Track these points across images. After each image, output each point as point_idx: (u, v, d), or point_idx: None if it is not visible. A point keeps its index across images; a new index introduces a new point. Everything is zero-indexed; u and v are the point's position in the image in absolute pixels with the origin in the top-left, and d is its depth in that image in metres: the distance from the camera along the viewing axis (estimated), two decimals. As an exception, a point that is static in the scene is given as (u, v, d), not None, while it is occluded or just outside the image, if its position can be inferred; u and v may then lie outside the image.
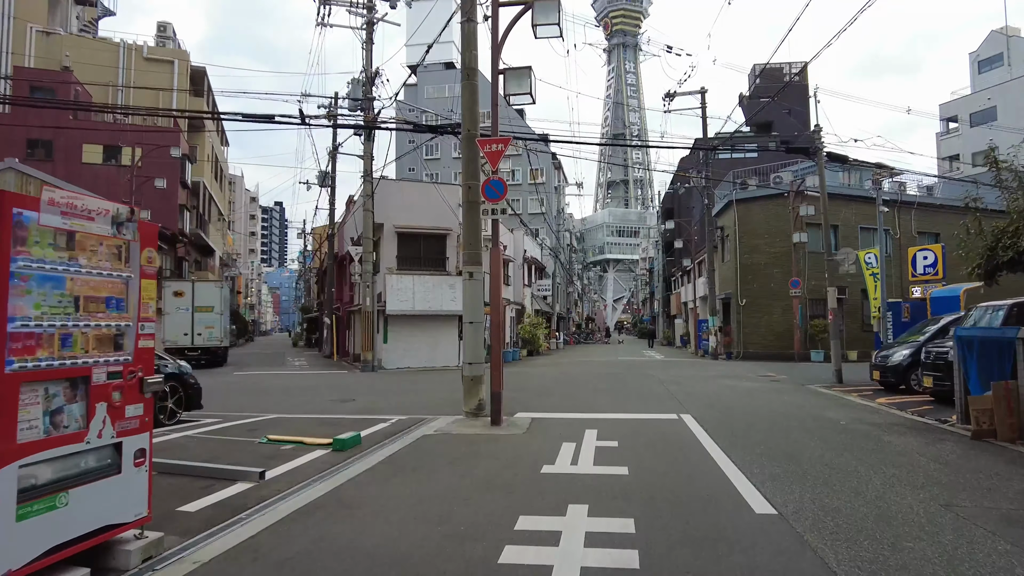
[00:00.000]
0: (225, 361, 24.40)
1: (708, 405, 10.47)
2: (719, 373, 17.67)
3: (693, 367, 20.42)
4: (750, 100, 53.10)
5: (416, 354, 20.95)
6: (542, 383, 14.86)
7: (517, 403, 10.85)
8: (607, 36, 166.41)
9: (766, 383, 14.89)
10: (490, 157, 8.88)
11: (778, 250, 25.37)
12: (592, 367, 20.49)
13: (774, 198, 25.62)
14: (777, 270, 25.34)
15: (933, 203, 27.43)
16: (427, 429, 8.42)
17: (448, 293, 20.91)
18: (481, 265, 9.54)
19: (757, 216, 25.96)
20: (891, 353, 12.46)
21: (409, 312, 20.44)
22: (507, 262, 29.92)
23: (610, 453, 6.53)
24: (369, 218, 19.57)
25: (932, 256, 15.18)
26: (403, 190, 21.16)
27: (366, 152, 19.74)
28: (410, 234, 21.08)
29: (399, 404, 11.35)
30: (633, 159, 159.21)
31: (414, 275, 20.79)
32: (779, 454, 6.47)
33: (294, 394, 13.44)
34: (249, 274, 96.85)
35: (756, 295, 25.69)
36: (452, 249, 21.42)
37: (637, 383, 14.59)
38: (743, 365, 21.48)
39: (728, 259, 27.79)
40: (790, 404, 10.78)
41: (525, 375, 17.61)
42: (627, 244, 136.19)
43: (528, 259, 34.24)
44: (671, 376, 16.49)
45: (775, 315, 25.26)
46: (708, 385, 14.12)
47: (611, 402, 11.03)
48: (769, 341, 25.26)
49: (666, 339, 49.12)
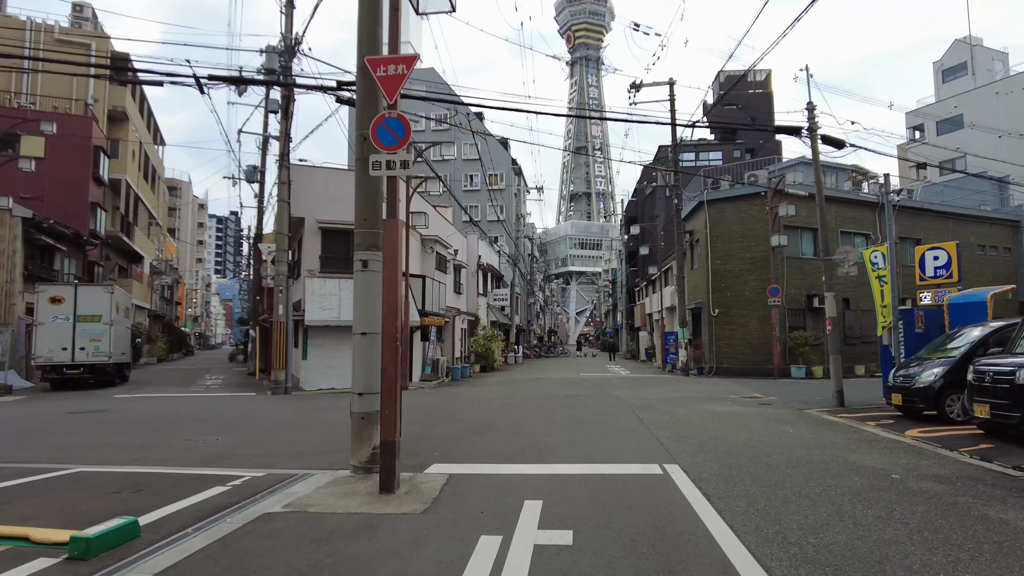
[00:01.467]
0: (124, 380, 20.72)
1: (699, 446, 7.70)
2: (696, 393, 15.04)
3: (664, 385, 17.79)
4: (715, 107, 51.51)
5: (342, 373, 17.73)
6: (485, 410, 11.91)
7: (440, 444, 7.91)
8: (570, 49, 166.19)
9: (756, 407, 12.28)
10: (385, 84, 5.99)
11: (754, 255, 23.12)
12: (551, 386, 17.66)
13: (749, 198, 23.41)
14: (753, 277, 23.07)
15: (915, 206, 25.67)
16: (279, 500, 5.41)
17: (382, 300, 17.82)
18: (381, 249, 6.62)
19: (730, 218, 23.70)
20: (917, 372, 9.96)
21: (334, 323, 17.28)
22: (459, 268, 27.00)
23: (560, 562, 3.66)
24: (284, 211, 16.42)
25: (944, 256, 12.89)
26: (329, 179, 18.10)
27: (282, 132, 16.62)
28: (337, 230, 17.96)
29: (276, 447, 8.26)
30: (595, 172, 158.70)
31: (341, 279, 17.66)
32: (853, 561, 3.68)
33: (156, 428, 10.17)
34: (193, 284, 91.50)
35: (730, 304, 23.35)
36: (387, 249, 18.39)
37: (603, 409, 11.78)
38: (719, 383, 18.97)
39: (698, 266, 25.46)
40: (803, 442, 8.10)
41: (467, 398, 14.65)
42: (590, 256, 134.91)
43: (484, 266, 31.40)
44: (642, 398, 13.77)
45: (751, 326, 22.93)
46: (689, 411, 11.41)
47: (569, 441, 8.16)
48: (745, 355, 22.90)
49: (630, 352, 46.77)
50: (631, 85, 24.63)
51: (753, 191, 23.30)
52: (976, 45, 43.46)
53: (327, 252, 18.00)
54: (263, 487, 5.92)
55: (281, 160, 16.48)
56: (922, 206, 25.72)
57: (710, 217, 23.98)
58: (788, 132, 13.59)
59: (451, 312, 23.88)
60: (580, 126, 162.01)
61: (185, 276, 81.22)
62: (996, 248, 27.37)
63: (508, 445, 7.92)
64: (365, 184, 6.67)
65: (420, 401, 13.88)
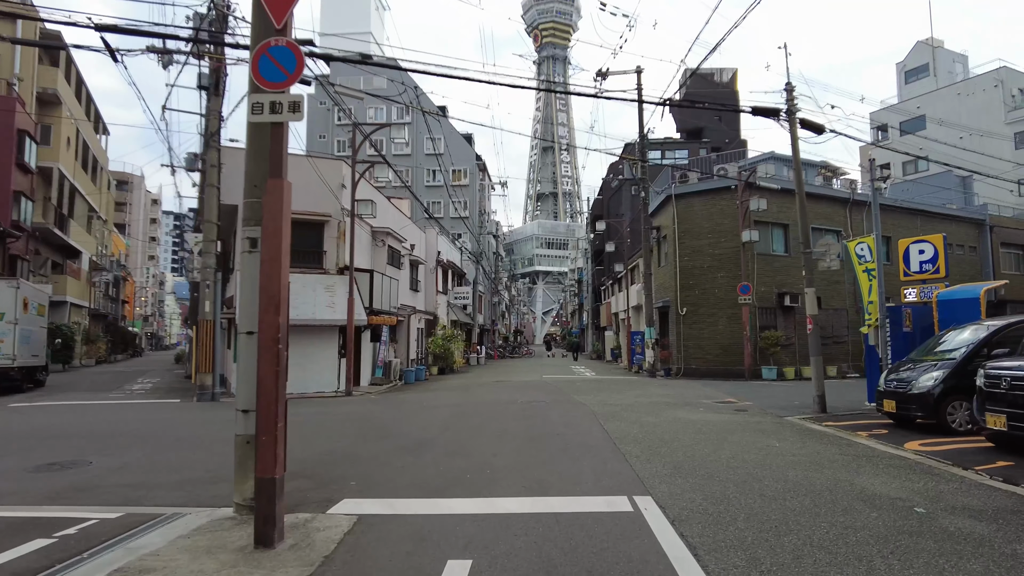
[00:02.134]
0: (38, 384, 18.62)
1: (674, 467, 6.42)
2: (665, 398, 13.86)
3: (631, 389, 16.61)
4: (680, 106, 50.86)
5: (280, 376, 16.05)
6: (430, 421, 10.46)
7: (363, 469, 6.47)
8: (536, 48, 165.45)
9: (731, 414, 11.13)
10: (271, 2, 4.52)
11: (723, 251, 22.18)
12: (509, 390, 16.30)
13: (719, 192, 22.47)
14: (722, 274, 22.13)
15: (885, 203, 25.09)
16: (112, 561, 3.91)
17: (325, 297, 16.22)
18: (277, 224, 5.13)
19: (699, 213, 22.73)
20: (913, 377, 8.90)
21: (271, 321, 15.58)
22: (416, 264, 25.45)
23: None
24: (213, 197, 14.67)
25: (931, 249, 11.96)
26: (267, 163, 16.46)
27: (211, 108, 14.86)
28: (275, 220, 16.29)
29: (159, 473, 6.68)
30: (562, 172, 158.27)
31: (279, 273, 15.98)
32: None
33: (25, 446, 8.42)
34: (144, 282, 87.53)
35: (698, 303, 22.38)
36: (332, 241, 16.76)
37: (564, 418, 10.45)
38: (688, 385, 17.89)
39: (666, 263, 24.45)
40: (796, 460, 6.90)
41: (414, 406, 13.18)
42: (556, 256, 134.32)
43: (444, 263, 29.88)
44: (607, 404, 12.50)
45: (720, 325, 21.99)
46: (659, 420, 10.17)
47: (520, 463, 6.79)
48: (714, 356, 21.94)
49: (595, 352, 45.80)
50: (597, 73, 23.41)
51: (723, 185, 22.37)
52: (938, 47, 43.79)
53: (263, 243, 16.28)
54: (105, 536, 4.41)
55: (209, 140, 14.72)
56: (892, 203, 25.20)
57: (678, 212, 22.97)
58: (766, 114, 12.50)
59: (406, 310, 22.34)
60: (547, 127, 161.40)
61: (136, 274, 77.54)
62: (963, 247, 27.09)
63: (446, 469, 6.51)
64: (257, 141, 5.18)
65: (358, 410, 12.36)
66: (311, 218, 16.62)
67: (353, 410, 12.18)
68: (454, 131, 49.93)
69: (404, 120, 49.68)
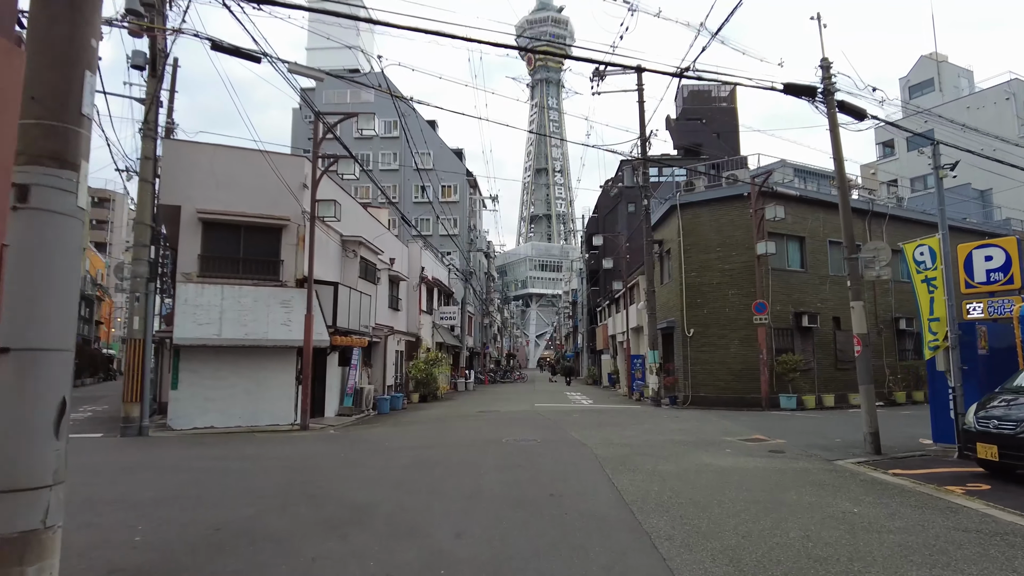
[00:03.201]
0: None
1: (732, 564, 4.14)
2: (680, 434, 11.57)
3: (636, 422, 14.31)
4: (678, 122, 49.23)
5: (226, 406, 13.73)
6: (381, 472, 8.08)
7: (246, 565, 4.15)
8: (530, 71, 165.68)
9: (768, 458, 8.86)
10: None
11: (734, 266, 20.07)
12: (495, 424, 13.96)
13: (728, 201, 20.43)
14: (733, 291, 19.99)
15: (905, 216, 23.21)
16: None
17: (280, 313, 13.94)
18: (77, 166, 2.89)
19: (707, 224, 20.67)
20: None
21: (215, 341, 13.29)
22: (396, 280, 23.22)
23: None
24: (147, 194, 12.45)
25: (1001, 255, 9.85)
26: (216, 159, 14.24)
27: (148, 92, 12.72)
28: (223, 223, 14.06)
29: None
30: (555, 195, 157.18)
31: (227, 284, 13.75)
32: None
33: None
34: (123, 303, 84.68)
35: (707, 323, 20.19)
36: (290, 250, 14.52)
37: (559, 467, 8.11)
38: (701, 417, 15.61)
39: (670, 280, 22.32)
40: (903, 544, 4.62)
41: (372, 447, 10.82)
42: (550, 279, 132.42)
43: (429, 280, 27.65)
44: (612, 443, 10.20)
45: (731, 348, 19.77)
46: (681, 468, 7.89)
47: (492, 559, 4.47)
48: (726, 382, 19.68)
49: (591, 377, 43.42)
50: (594, 72, 21.53)
51: (733, 193, 20.35)
52: (943, 61, 42.52)
53: (209, 251, 14.02)
54: None
55: (146, 128, 12.54)
56: (914, 216, 23.25)
57: (683, 223, 20.90)
58: (799, 93, 10.48)
59: (382, 331, 20.03)
60: (541, 148, 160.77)
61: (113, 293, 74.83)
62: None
63: (377, 570, 4.19)
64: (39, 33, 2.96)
65: (303, 453, 9.99)
66: (266, 222, 14.40)
67: (297, 452, 9.83)
68: (444, 145, 48.12)
69: (392, 135, 47.88)
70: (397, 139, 47.17)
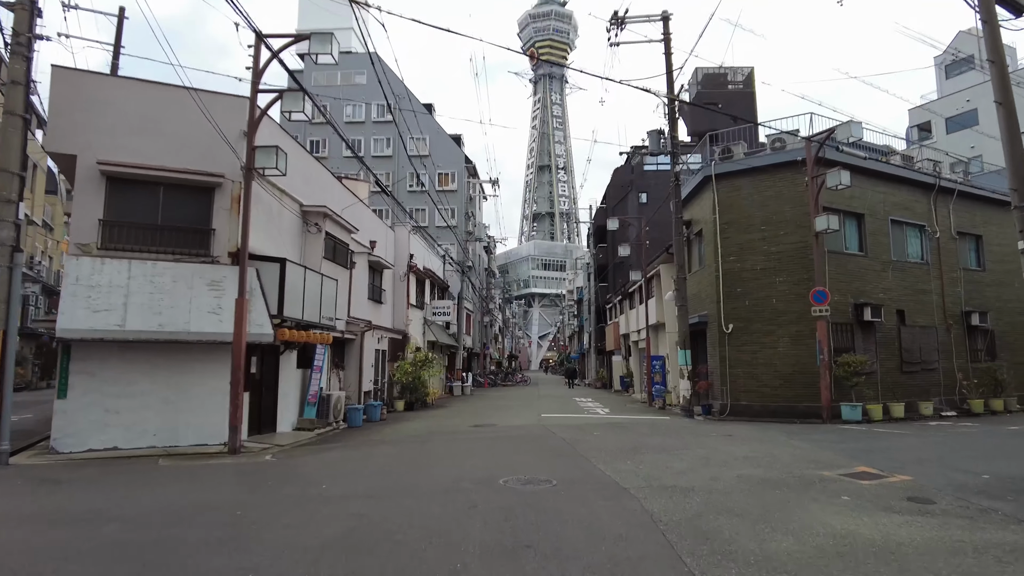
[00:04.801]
0: None
1: None
2: (753, 466, 8.15)
3: (679, 443, 10.88)
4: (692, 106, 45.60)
5: (136, 420, 10.36)
6: (266, 564, 4.70)
7: None
8: (533, 66, 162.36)
9: (927, 517, 5.42)
10: None
11: (783, 248, 16.66)
12: (488, 448, 10.53)
13: (775, 170, 17.00)
14: (782, 278, 16.57)
15: (977, 193, 19.75)
16: None
17: (209, 298, 10.55)
18: None
19: (748, 199, 17.25)
20: None
21: (117, 334, 9.93)
22: (378, 267, 19.85)
23: None
24: (16, 133, 9.06)
25: None
26: (128, 96, 10.88)
27: None
28: (136, 179, 10.68)
29: None
30: (559, 192, 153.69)
31: (135, 259, 10.37)
32: None
33: None
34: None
35: (749, 317, 16.77)
36: (225, 215, 11.12)
37: (597, 555, 4.62)
38: (757, 434, 12.17)
39: (702, 267, 18.91)
40: None
41: (295, 489, 7.33)
42: (553, 278, 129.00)
43: (419, 270, 24.26)
44: (664, 488, 6.77)
45: (780, 347, 16.34)
46: (807, 546, 4.48)
47: None
48: (773, 388, 16.25)
49: (600, 380, 39.96)
50: (611, 19, 18.16)
51: (780, 160, 16.90)
52: (983, 36, 39.00)
53: (116, 214, 10.63)
54: None
55: (14, 41, 9.16)
56: (985, 194, 19.77)
57: (719, 198, 17.49)
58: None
59: (357, 325, 16.64)
60: (544, 144, 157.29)
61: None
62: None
63: None
64: None
65: (182, 504, 6.52)
66: (193, 179, 11.00)
67: (173, 502, 6.42)
68: (440, 130, 44.76)
69: (385, 119, 44.53)
70: (390, 123, 43.78)
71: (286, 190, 13.03)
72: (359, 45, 51.59)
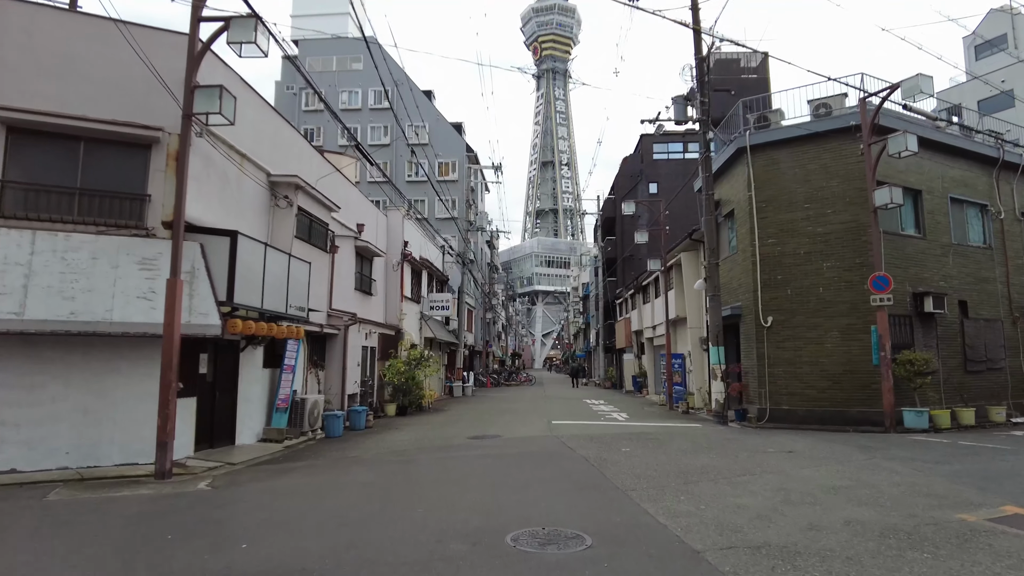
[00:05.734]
0: None
1: None
2: (842, 500, 5.95)
3: (722, 458, 8.68)
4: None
5: (42, 436, 8.19)
6: None
7: None
8: (536, 61, 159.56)
9: None
10: None
11: (831, 228, 14.40)
12: (489, 474, 8.31)
13: (821, 139, 14.73)
14: (830, 263, 14.32)
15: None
16: None
17: (138, 279, 8.36)
18: None
19: (790, 172, 15.00)
20: None
21: (13, 325, 7.76)
22: (368, 254, 17.67)
23: None
24: None
25: None
26: (37, 27, 8.71)
27: None
28: (47, 132, 8.51)
29: None
30: (562, 188, 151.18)
31: (40, 229, 8.19)
32: None
33: None
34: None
35: (791, 308, 14.53)
36: (162, 178, 8.91)
37: None
38: (812, 445, 9.94)
39: (734, 252, 16.67)
40: None
41: (207, 543, 5.17)
42: (557, 275, 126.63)
43: (415, 260, 22.06)
44: (757, 551, 4.61)
45: (828, 343, 14.09)
46: None
47: None
48: (819, 391, 14.00)
49: (610, 380, 37.71)
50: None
51: (827, 127, 14.64)
52: (1016, 15, 36.67)
53: (19, 174, 8.43)
54: None
55: None
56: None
57: (755, 172, 15.24)
58: None
59: (340, 319, 14.45)
60: (547, 140, 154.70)
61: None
62: None
63: None
64: None
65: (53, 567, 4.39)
66: (122, 132, 8.79)
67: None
68: (441, 117, 42.51)
69: (382, 105, 42.29)
70: (388, 110, 41.51)
71: (249, 155, 10.83)
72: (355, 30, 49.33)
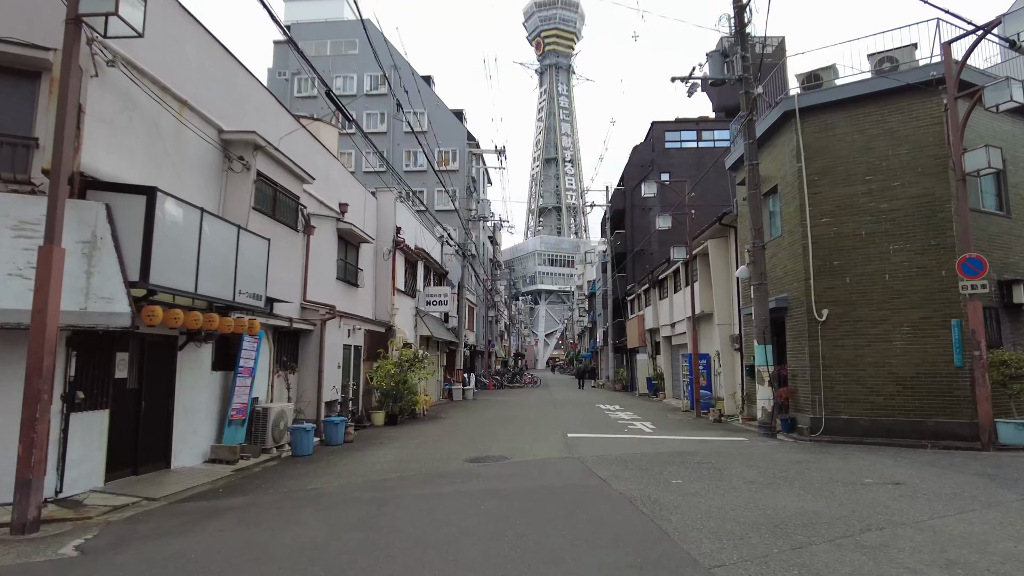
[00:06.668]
0: None
1: None
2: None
3: (815, 498, 6.43)
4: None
5: None
6: None
7: None
8: (539, 56, 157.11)
9: None
10: None
11: (899, 204, 12.09)
12: (489, 505, 6.11)
13: (886, 99, 12.40)
14: (897, 246, 12.00)
15: None
16: None
17: (13, 250, 6.11)
18: None
19: (847, 139, 12.69)
20: None
21: None
22: (354, 239, 15.41)
23: None
24: None
25: None
26: None
27: None
28: None
29: None
30: (565, 186, 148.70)
31: None
32: None
33: None
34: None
35: (850, 300, 12.23)
36: (43, 118, 6.65)
37: None
38: (916, 473, 7.69)
39: (779, 234, 14.36)
40: None
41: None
42: (560, 274, 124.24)
43: (409, 249, 19.80)
44: None
45: (897, 340, 11.78)
46: None
47: None
48: (886, 397, 11.69)
49: (620, 382, 35.40)
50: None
51: (894, 84, 12.31)
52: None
53: None
54: None
55: None
56: None
57: (806, 141, 12.95)
58: None
59: (316, 311, 12.18)
60: (550, 137, 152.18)
61: None
62: None
63: None
64: None
65: None
66: (-2, 54, 6.53)
67: None
68: (440, 104, 40.24)
69: (379, 91, 39.99)
70: (385, 96, 39.27)
71: (191, 102, 8.57)
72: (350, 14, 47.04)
